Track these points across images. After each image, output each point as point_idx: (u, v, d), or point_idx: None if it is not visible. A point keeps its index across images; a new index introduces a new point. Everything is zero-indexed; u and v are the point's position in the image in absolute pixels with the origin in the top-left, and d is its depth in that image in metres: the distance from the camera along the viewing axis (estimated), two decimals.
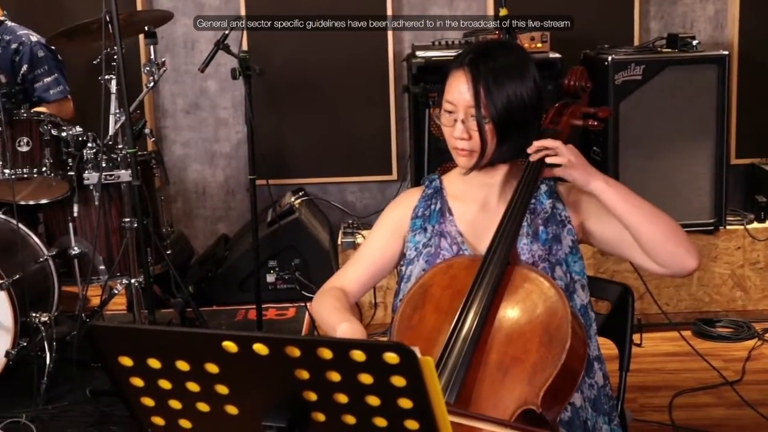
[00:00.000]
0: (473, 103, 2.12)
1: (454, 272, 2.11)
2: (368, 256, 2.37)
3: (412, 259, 2.26)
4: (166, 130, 5.47)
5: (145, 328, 1.51)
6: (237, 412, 1.44)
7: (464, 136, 2.14)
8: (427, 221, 2.28)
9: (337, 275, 2.41)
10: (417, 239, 2.27)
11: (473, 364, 1.93)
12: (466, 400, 1.91)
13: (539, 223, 2.20)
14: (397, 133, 5.36)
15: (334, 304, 2.23)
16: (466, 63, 2.15)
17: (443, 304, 2.06)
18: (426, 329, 2.05)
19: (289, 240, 4.79)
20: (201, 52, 5.21)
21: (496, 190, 2.25)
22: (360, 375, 1.32)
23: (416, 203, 2.32)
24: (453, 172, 2.34)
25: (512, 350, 1.96)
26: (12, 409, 3.56)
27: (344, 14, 5.05)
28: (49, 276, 3.93)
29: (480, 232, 2.22)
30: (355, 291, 2.35)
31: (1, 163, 3.82)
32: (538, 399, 1.89)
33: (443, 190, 2.32)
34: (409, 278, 2.25)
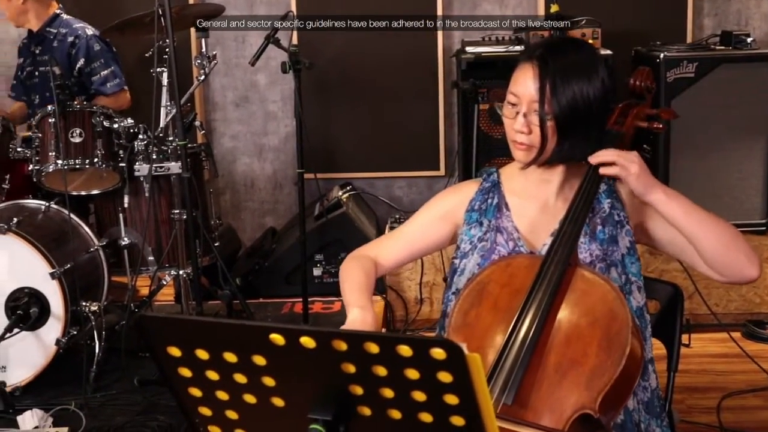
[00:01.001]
0: (537, 98, 2.09)
1: (513, 270, 2.09)
2: (410, 234, 2.36)
3: (467, 252, 2.25)
4: (216, 123, 5.51)
5: (194, 319, 1.52)
6: (283, 404, 1.45)
7: (524, 129, 2.12)
8: (483, 215, 2.26)
9: (375, 244, 2.41)
10: (472, 233, 2.25)
11: (531, 366, 1.92)
12: (523, 401, 1.89)
13: (597, 223, 2.18)
14: (446, 129, 5.35)
15: (358, 280, 2.22)
16: (535, 57, 2.12)
17: (501, 302, 2.04)
18: (482, 327, 2.04)
19: (336, 234, 4.79)
20: (251, 45, 5.24)
21: (554, 188, 2.23)
22: (406, 370, 1.31)
23: (473, 196, 2.30)
24: (511, 166, 2.31)
25: (571, 353, 1.94)
26: (61, 397, 3.61)
27: (395, 14, 5.05)
28: (99, 266, 3.97)
29: (536, 230, 2.21)
30: (387, 265, 2.35)
31: (54, 153, 3.87)
32: (596, 404, 1.87)
33: (500, 185, 2.30)
34: (462, 272, 2.24)
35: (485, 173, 2.34)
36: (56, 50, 4.46)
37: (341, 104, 5.37)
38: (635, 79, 2.28)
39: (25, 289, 3.64)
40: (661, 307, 2.43)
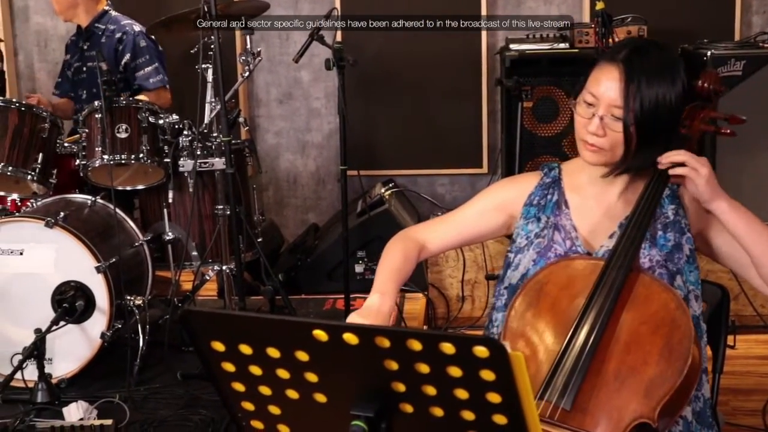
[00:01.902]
0: (621, 103, 2.05)
1: (573, 272, 2.07)
2: (463, 220, 2.34)
3: (522, 248, 2.23)
4: (260, 119, 5.54)
5: (237, 315, 1.53)
6: (326, 400, 1.45)
7: (599, 132, 2.07)
8: (541, 211, 2.24)
9: (425, 226, 2.40)
10: (529, 228, 2.24)
11: (590, 372, 1.90)
12: (581, 407, 1.88)
13: (658, 228, 2.15)
14: (489, 126, 5.33)
15: (393, 264, 2.22)
16: (620, 59, 2.07)
17: (560, 304, 2.03)
18: (540, 328, 2.03)
19: (378, 231, 4.80)
20: (295, 42, 5.26)
21: (617, 189, 2.20)
22: (449, 367, 1.31)
23: (532, 190, 2.28)
24: (573, 162, 2.29)
25: (631, 360, 1.92)
26: (106, 389, 3.63)
27: (439, 14, 5.03)
28: (144, 260, 4.01)
29: (596, 231, 2.19)
30: (433, 249, 2.34)
31: (101, 148, 3.90)
32: (655, 413, 1.85)
33: (561, 181, 2.27)
34: (516, 267, 2.22)
35: (546, 168, 2.31)
36: (104, 46, 4.50)
37: (384, 101, 5.37)
38: (703, 81, 2.21)
39: (72, 282, 3.67)
40: (708, 308, 2.40)
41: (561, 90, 4.67)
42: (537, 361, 1.97)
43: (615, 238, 2.11)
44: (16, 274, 3.70)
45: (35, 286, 3.67)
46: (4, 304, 3.72)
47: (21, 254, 3.69)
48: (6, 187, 4.14)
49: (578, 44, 4.65)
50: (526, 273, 2.19)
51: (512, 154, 4.61)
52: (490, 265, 4.70)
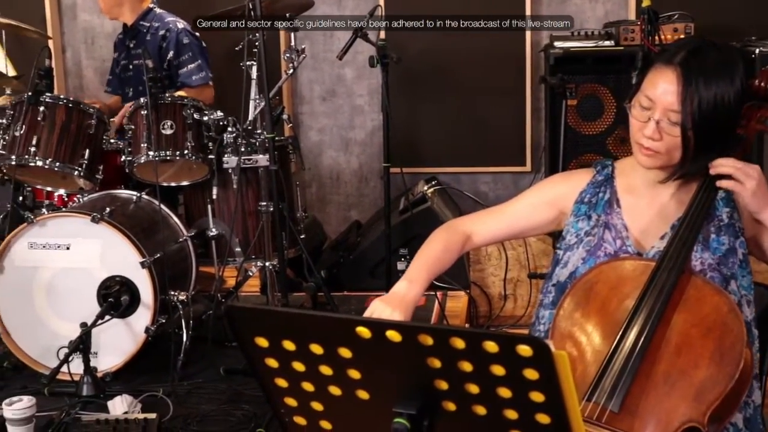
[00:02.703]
0: (678, 107, 2.01)
1: (623, 273, 2.05)
2: (513, 214, 2.33)
3: (572, 245, 2.21)
4: (303, 116, 5.55)
5: (281, 311, 1.54)
6: (368, 397, 1.45)
7: (655, 136, 2.04)
8: (592, 209, 2.22)
9: (474, 217, 2.39)
10: (579, 226, 2.22)
11: (639, 374, 1.88)
12: (630, 409, 1.86)
13: (711, 231, 2.12)
14: (533, 124, 5.31)
15: (431, 254, 2.23)
16: (677, 62, 2.03)
17: (609, 305, 2.01)
18: (588, 329, 2.01)
19: (420, 228, 4.78)
20: (339, 39, 5.27)
21: (670, 189, 2.17)
22: (492, 366, 1.31)
23: (584, 187, 2.26)
24: (627, 161, 2.26)
25: (681, 363, 1.90)
26: (149, 383, 3.67)
27: (483, 13, 5.01)
28: (188, 256, 4.03)
29: (647, 231, 2.16)
30: (479, 240, 2.33)
31: (146, 145, 3.94)
32: (705, 418, 1.83)
33: (614, 179, 2.25)
34: (565, 264, 2.21)
35: (599, 165, 2.28)
36: (148, 44, 4.54)
37: (428, 98, 5.36)
38: (760, 81, 2.15)
39: (117, 277, 3.71)
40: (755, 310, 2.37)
41: (606, 88, 4.64)
42: (585, 362, 1.95)
43: (667, 239, 2.09)
44: (63, 269, 3.74)
45: (81, 280, 3.72)
46: (51, 298, 3.77)
47: (68, 249, 3.73)
48: (53, 182, 4.20)
49: (623, 42, 4.60)
50: (575, 271, 2.17)
51: (556, 153, 4.58)
52: (532, 264, 4.68)
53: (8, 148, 3.92)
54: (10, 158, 3.90)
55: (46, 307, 3.78)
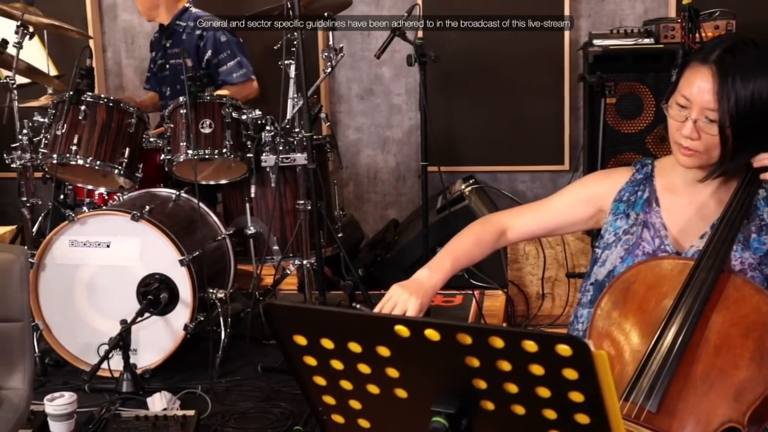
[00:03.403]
0: (715, 105, 2.00)
1: (661, 272, 2.04)
2: (550, 210, 2.33)
3: (610, 244, 2.20)
4: (341, 115, 5.56)
5: (320, 309, 1.54)
6: (406, 396, 1.45)
7: (693, 136, 2.03)
8: (631, 208, 2.21)
9: (512, 212, 2.38)
10: (618, 224, 2.21)
11: (678, 374, 1.87)
12: (668, 410, 1.85)
13: (752, 231, 2.09)
14: (571, 123, 5.27)
15: (460, 245, 2.24)
16: (712, 60, 2.02)
17: (647, 304, 2.00)
18: (626, 328, 2.00)
19: (458, 227, 4.71)
20: (377, 38, 5.27)
21: (710, 188, 2.15)
22: (531, 366, 1.30)
23: (623, 185, 2.25)
24: (667, 160, 2.24)
25: (720, 363, 1.88)
26: (188, 380, 3.70)
27: (522, 13, 5.00)
28: (226, 254, 4.06)
29: (686, 230, 2.15)
30: (516, 235, 2.33)
31: (185, 143, 3.96)
32: (744, 418, 1.81)
33: (653, 178, 2.24)
34: (603, 263, 2.20)
35: (639, 164, 2.27)
36: (185, 43, 4.57)
37: (465, 97, 5.35)
38: None
39: (156, 275, 3.73)
40: None
41: (645, 86, 4.60)
42: (622, 362, 1.94)
43: (706, 238, 2.07)
44: (103, 266, 3.78)
45: (121, 278, 3.75)
46: (92, 295, 3.80)
47: (108, 247, 3.77)
48: (94, 181, 4.24)
49: (663, 40, 4.56)
50: (613, 270, 2.16)
51: (594, 151, 4.55)
52: (571, 263, 4.66)
53: (50, 146, 3.96)
54: (52, 157, 3.94)
55: (87, 304, 3.82)
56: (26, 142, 4.06)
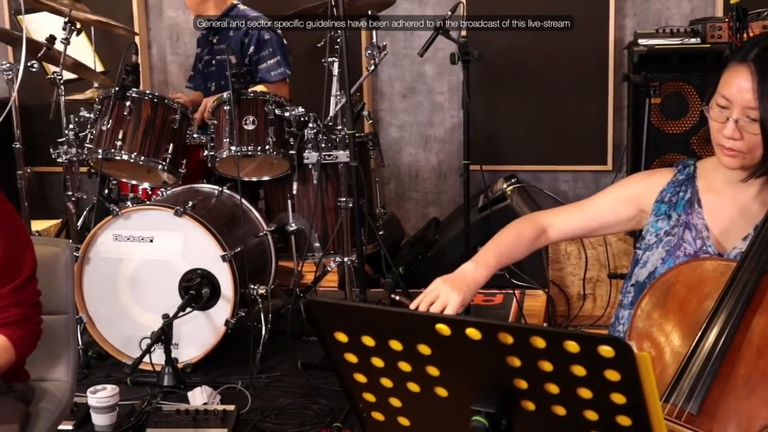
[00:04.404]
0: (755, 104, 1.98)
1: (703, 273, 2.02)
2: (591, 210, 2.31)
3: (651, 245, 2.19)
4: (383, 113, 5.57)
5: (362, 306, 1.54)
6: (446, 394, 1.45)
7: (735, 136, 2.01)
8: (672, 209, 2.20)
9: (553, 211, 2.37)
10: (659, 225, 2.20)
11: (719, 375, 1.85)
12: (709, 412, 1.83)
13: None
14: (615, 123, 5.24)
15: (502, 242, 2.24)
16: (751, 59, 2.00)
17: (688, 306, 1.98)
18: (666, 329, 1.98)
19: (499, 226, 4.67)
20: (420, 36, 5.26)
21: (753, 190, 2.13)
22: (572, 366, 1.30)
23: (664, 186, 2.23)
24: (709, 161, 2.22)
25: (762, 366, 1.86)
26: (229, 375, 3.72)
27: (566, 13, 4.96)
28: (267, 250, 4.08)
29: (728, 232, 2.13)
30: (556, 234, 2.32)
31: (228, 140, 3.99)
32: None
33: (695, 179, 2.22)
34: (644, 264, 2.19)
35: (681, 165, 2.25)
36: (231, 40, 4.59)
37: (508, 96, 5.33)
38: None
39: (198, 270, 3.76)
40: None
41: (691, 86, 4.55)
42: (663, 363, 1.93)
43: (749, 240, 2.05)
44: (146, 261, 3.81)
45: (164, 272, 3.78)
46: (135, 289, 3.84)
47: (151, 241, 3.80)
48: (138, 176, 4.28)
49: (710, 39, 4.52)
50: (654, 271, 2.14)
51: (638, 152, 4.51)
52: (612, 264, 4.63)
53: (95, 141, 4.01)
54: (97, 152, 3.99)
55: (130, 298, 3.85)
56: (72, 137, 4.11)
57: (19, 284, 2.16)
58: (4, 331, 2.14)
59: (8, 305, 2.15)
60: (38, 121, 5.30)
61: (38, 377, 2.43)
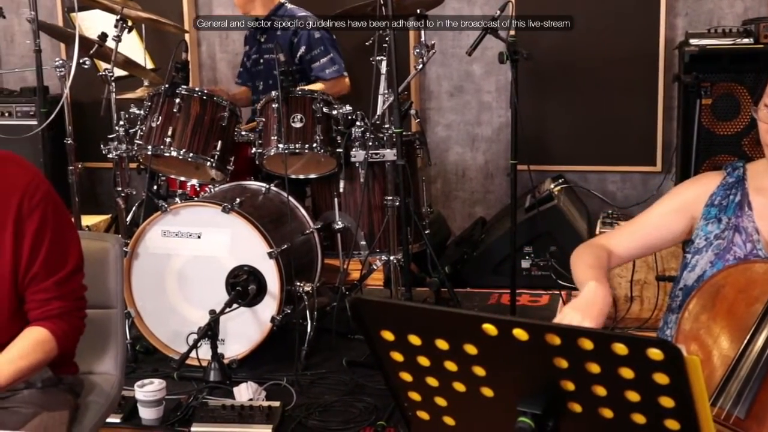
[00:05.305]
0: None
1: (752, 276, 2.00)
2: (646, 226, 2.29)
3: (701, 249, 2.17)
4: (430, 112, 5.56)
5: (409, 305, 1.54)
6: (492, 394, 1.45)
7: None
8: (723, 212, 2.17)
9: (609, 235, 2.35)
10: (709, 229, 2.17)
11: (767, 380, 1.83)
12: (757, 416, 1.82)
13: None
14: (664, 124, 5.18)
15: (590, 261, 2.17)
16: None
17: (737, 309, 1.96)
18: (714, 332, 1.97)
19: (546, 226, 4.74)
20: (468, 35, 5.24)
21: None
22: (620, 369, 1.29)
23: (714, 190, 2.21)
24: (759, 162, 2.21)
25: None
26: (274, 372, 3.74)
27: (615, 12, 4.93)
28: (314, 248, 4.09)
29: None
30: (620, 256, 2.27)
31: (276, 137, 4.01)
32: None
33: (745, 182, 2.20)
34: (693, 268, 2.17)
35: (730, 167, 2.23)
36: (280, 38, 4.61)
37: (556, 95, 5.30)
38: None
39: (245, 266, 3.78)
40: None
41: (743, 87, 4.49)
42: (710, 366, 1.91)
43: None
44: (193, 257, 3.84)
45: (211, 268, 3.81)
46: (182, 284, 3.87)
47: (199, 238, 3.83)
48: (186, 172, 4.32)
49: (763, 39, 4.45)
50: (703, 275, 2.12)
51: (688, 153, 4.46)
52: (660, 266, 4.57)
53: (145, 138, 4.05)
54: (147, 148, 4.03)
55: (177, 293, 3.89)
56: (122, 134, 4.16)
57: (62, 277, 2.18)
58: (47, 324, 2.16)
59: (51, 298, 2.17)
60: (89, 118, 5.36)
61: (87, 370, 2.45)
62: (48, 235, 2.16)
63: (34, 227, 2.15)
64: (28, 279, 2.16)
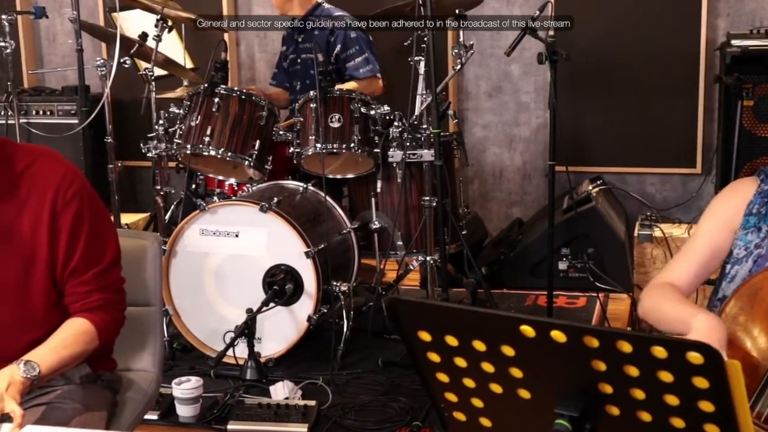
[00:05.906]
0: None
1: None
2: (697, 249, 2.23)
3: (740, 258, 2.14)
4: (468, 112, 5.55)
5: (447, 306, 1.54)
6: (529, 396, 1.44)
7: None
8: (762, 220, 2.14)
9: (665, 271, 2.30)
10: (748, 238, 2.14)
11: None
12: None
13: None
14: (705, 125, 5.13)
15: (675, 296, 2.12)
16: None
17: None
18: (753, 333, 1.95)
19: (583, 228, 4.71)
20: (507, 35, 5.22)
21: None
22: (659, 372, 1.28)
23: (751, 198, 2.18)
24: None
25: None
26: (310, 371, 3.75)
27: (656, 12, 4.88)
28: (350, 248, 4.10)
29: None
30: (684, 286, 2.21)
31: (314, 137, 4.02)
32: None
33: None
34: (732, 278, 2.14)
35: (763, 173, 2.20)
36: (317, 38, 4.62)
37: (595, 96, 5.27)
38: None
39: (282, 265, 3.79)
40: None
41: None
42: (748, 368, 1.89)
43: None
44: (231, 256, 3.86)
45: (248, 267, 3.83)
46: (220, 283, 3.89)
47: (236, 236, 3.85)
48: (225, 171, 4.34)
49: None
50: None
51: (729, 155, 4.42)
52: None
53: (184, 137, 4.08)
54: (186, 147, 4.05)
55: (215, 291, 3.91)
56: (162, 133, 4.19)
57: (101, 270, 2.20)
58: (88, 316, 2.18)
59: (92, 290, 2.19)
60: (130, 117, 5.41)
61: (125, 367, 2.47)
62: (85, 229, 2.18)
63: (70, 221, 2.17)
64: (68, 273, 2.18)
